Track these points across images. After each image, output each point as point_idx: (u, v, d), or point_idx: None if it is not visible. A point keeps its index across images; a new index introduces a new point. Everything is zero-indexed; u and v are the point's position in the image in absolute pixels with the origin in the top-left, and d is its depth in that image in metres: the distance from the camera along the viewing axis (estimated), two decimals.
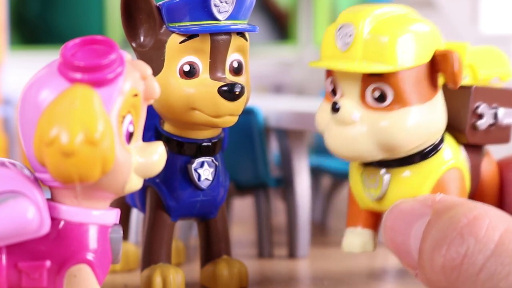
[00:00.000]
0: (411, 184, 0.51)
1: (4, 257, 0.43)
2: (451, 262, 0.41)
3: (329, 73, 0.51)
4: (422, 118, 0.49)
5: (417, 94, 0.49)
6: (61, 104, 0.42)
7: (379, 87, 0.49)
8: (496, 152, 0.56)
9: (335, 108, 0.49)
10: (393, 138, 0.49)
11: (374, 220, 0.53)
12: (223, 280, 0.55)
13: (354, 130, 0.49)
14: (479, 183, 0.54)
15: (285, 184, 0.67)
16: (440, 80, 0.50)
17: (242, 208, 0.82)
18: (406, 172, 0.51)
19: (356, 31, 0.49)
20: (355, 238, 0.53)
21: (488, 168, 0.55)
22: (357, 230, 0.53)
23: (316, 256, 0.66)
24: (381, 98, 0.49)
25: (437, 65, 0.49)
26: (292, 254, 0.66)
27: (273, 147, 0.74)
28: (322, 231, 0.78)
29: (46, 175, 0.44)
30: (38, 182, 0.44)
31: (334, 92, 0.51)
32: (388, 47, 0.48)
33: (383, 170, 0.51)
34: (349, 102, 0.49)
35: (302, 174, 0.66)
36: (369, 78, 0.49)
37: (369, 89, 0.49)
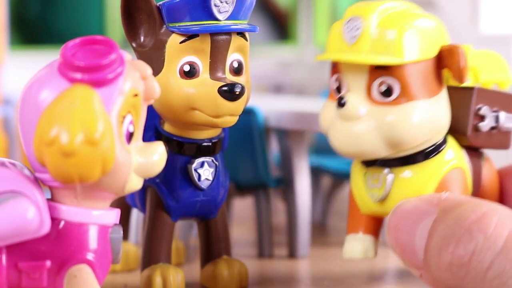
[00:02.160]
0: (414, 184, 0.50)
1: (4, 257, 0.43)
2: (459, 260, 0.41)
3: (335, 70, 0.51)
4: (428, 113, 0.49)
5: (424, 88, 0.49)
6: (61, 104, 0.42)
7: (385, 81, 0.49)
8: (495, 158, 0.56)
9: (341, 103, 0.49)
10: (400, 132, 0.48)
11: (375, 225, 0.53)
12: (223, 280, 0.55)
13: (360, 126, 0.49)
14: (480, 188, 0.54)
15: (285, 184, 0.67)
16: (445, 79, 0.50)
17: (242, 208, 0.82)
18: (409, 172, 0.51)
19: (364, 24, 0.49)
20: (356, 244, 0.52)
21: (489, 174, 0.54)
22: (358, 236, 0.53)
23: (316, 256, 0.66)
24: (388, 92, 0.49)
25: (443, 61, 0.49)
26: (292, 254, 0.66)
27: (273, 147, 0.74)
28: (322, 231, 0.78)
29: (46, 175, 0.44)
30: (38, 182, 0.44)
31: (338, 90, 0.51)
32: (395, 41, 0.48)
33: (386, 170, 0.51)
34: (356, 97, 0.49)
35: (302, 174, 0.66)
36: (376, 72, 0.49)
37: (376, 83, 0.49)
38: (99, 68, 0.43)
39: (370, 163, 0.51)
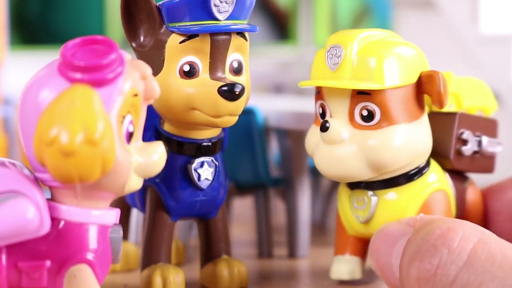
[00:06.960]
0: (398, 206, 0.52)
1: (4, 257, 0.43)
2: (425, 273, 0.41)
3: (318, 96, 0.53)
4: (409, 136, 0.50)
5: (404, 112, 0.50)
6: (61, 104, 0.42)
7: (367, 106, 0.50)
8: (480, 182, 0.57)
9: (324, 127, 0.51)
10: (381, 155, 0.50)
11: (362, 247, 0.55)
12: (223, 280, 0.55)
13: (343, 149, 0.50)
14: (464, 211, 0.55)
15: (285, 184, 0.67)
16: (427, 106, 0.52)
17: (242, 208, 0.82)
18: (393, 195, 0.52)
19: (345, 52, 0.51)
20: (343, 266, 0.55)
21: (473, 197, 0.56)
22: (345, 257, 0.55)
23: (316, 256, 0.66)
24: (369, 116, 0.50)
25: (422, 86, 0.51)
26: (292, 254, 0.66)
27: (273, 147, 0.74)
28: (322, 231, 0.78)
29: (46, 175, 0.44)
30: (38, 182, 0.44)
31: (323, 116, 0.52)
32: (375, 67, 0.50)
33: (370, 192, 0.52)
34: (338, 122, 0.51)
35: (302, 174, 0.66)
36: (358, 97, 0.50)
37: (358, 108, 0.50)
38: (99, 68, 0.43)
39: (355, 186, 0.53)
